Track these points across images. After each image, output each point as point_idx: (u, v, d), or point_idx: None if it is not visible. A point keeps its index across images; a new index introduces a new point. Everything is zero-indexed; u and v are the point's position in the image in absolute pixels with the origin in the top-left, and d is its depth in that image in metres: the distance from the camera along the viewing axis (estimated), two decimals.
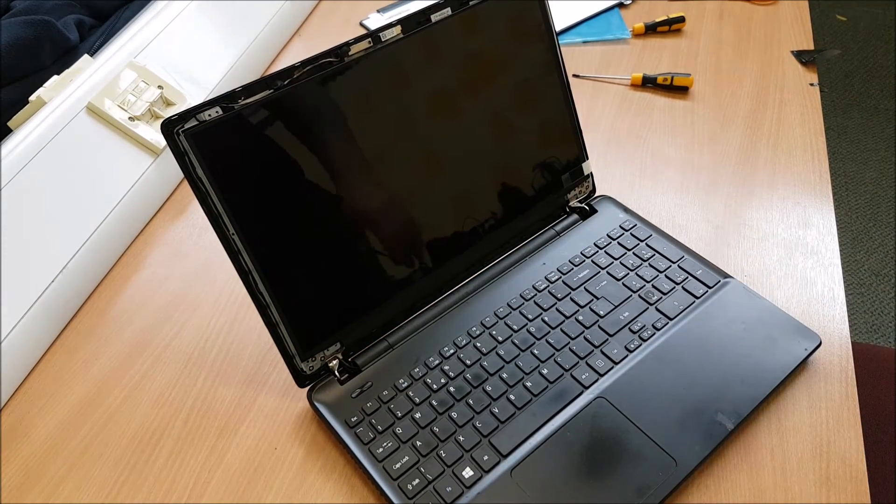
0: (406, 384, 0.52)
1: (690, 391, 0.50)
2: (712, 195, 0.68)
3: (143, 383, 0.56)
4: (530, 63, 0.59)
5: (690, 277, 0.58)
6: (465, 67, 0.55)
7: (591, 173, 0.65)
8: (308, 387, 0.53)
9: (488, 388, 0.51)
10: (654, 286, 0.57)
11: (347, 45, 0.48)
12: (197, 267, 0.65)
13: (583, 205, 0.65)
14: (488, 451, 0.48)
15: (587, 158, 0.64)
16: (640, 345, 0.54)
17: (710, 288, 0.57)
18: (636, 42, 0.88)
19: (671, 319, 0.55)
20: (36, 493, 0.50)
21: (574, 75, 0.83)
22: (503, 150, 0.59)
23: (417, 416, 0.50)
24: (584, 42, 0.88)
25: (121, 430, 0.53)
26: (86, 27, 0.82)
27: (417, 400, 0.51)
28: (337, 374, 0.53)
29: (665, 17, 0.88)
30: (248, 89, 0.45)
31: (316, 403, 0.51)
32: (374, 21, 0.94)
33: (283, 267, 0.49)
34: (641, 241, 0.61)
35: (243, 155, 0.46)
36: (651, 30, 0.88)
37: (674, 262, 0.59)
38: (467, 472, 0.47)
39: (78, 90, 0.67)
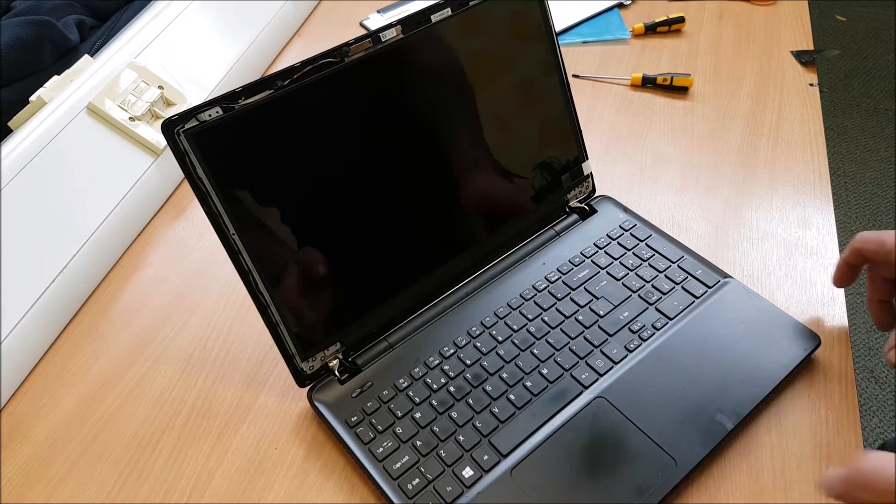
0: (406, 384, 0.52)
1: (690, 391, 0.50)
2: (712, 195, 0.68)
3: (143, 383, 0.56)
4: (530, 63, 0.59)
5: (690, 277, 0.58)
6: (465, 68, 0.55)
7: (591, 173, 0.65)
8: (308, 387, 0.53)
9: (488, 388, 0.51)
10: (653, 286, 0.57)
11: (347, 45, 0.48)
12: (197, 267, 0.65)
13: (582, 205, 0.65)
14: (488, 451, 0.48)
15: (587, 159, 0.64)
16: (640, 345, 0.54)
17: (709, 288, 0.57)
18: (636, 42, 0.88)
19: (671, 319, 0.55)
20: (36, 493, 0.50)
21: (574, 75, 0.83)
22: (503, 150, 0.59)
23: (417, 415, 0.50)
24: (584, 42, 0.89)
25: (121, 430, 0.53)
26: (86, 27, 0.82)
27: (417, 400, 0.51)
28: (337, 373, 0.53)
29: (665, 18, 0.88)
30: (249, 89, 0.45)
31: (316, 403, 0.51)
32: (374, 21, 0.94)
33: (283, 267, 0.49)
34: (641, 241, 0.61)
35: (244, 155, 0.46)
36: (651, 30, 0.88)
37: (673, 262, 0.59)
38: (467, 472, 0.47)
39: (78, 90, 0.67)
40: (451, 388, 0.51)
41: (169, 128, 0.43)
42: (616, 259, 0.60)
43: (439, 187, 0.56)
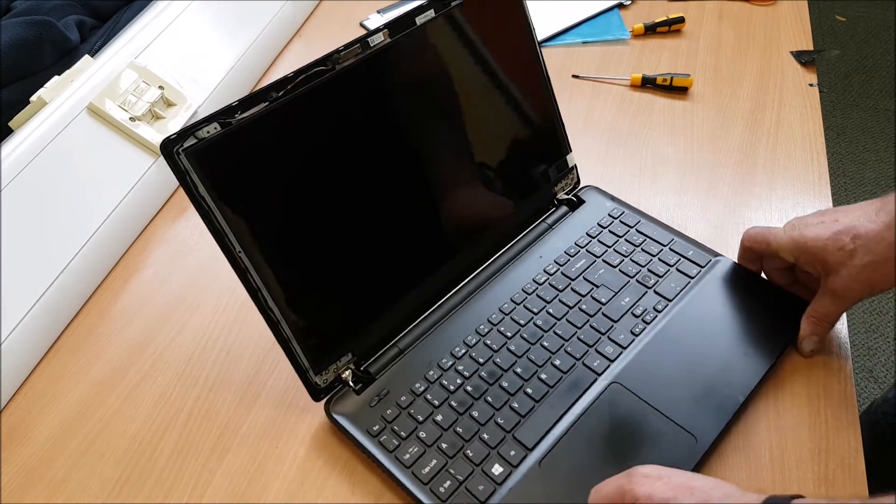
0: (423, 388, 0.52)
1: (698, 368, 0.52)
2: (712, 195, 0.68)
3: (144, 383, 0.56)
4: (512, 60, 0.59)
5: (683, 259, 0.59)
6: (451, 68, 0.55)
7: (575, 165, 0.66)
8: (324, 400, 0.52)
9: (504, 384, 0.51)
10: (649, 270, 0.59)
11: (338, 52, 0.48)
12: (198, 267, 0.65)
13: (570, 196, 0.66)
14: (514, 446, 0.48)
15: (570, 151, 0.65)
16: (645, 328, 0.55)
17: (702, 267, 0.58)
18: (636, 42, 0.88)
19: (670, 301, 0.56)
20: (37, 493, 0.50)
21: (574, 76, 0.83)
22: (492, 149, 0.60)
23: (439, 418, 0.50)
24: (584, 42, 0.89)
25: (122, 431, 0.53)
26: (86, 28, 0.82)
27: (436, 402, 0.51)
28: (351, 384, 0.52)
29: (664, 18, 0.88)
30: (245, 103, 0.44)
31: (335, 416, 0.51)
32: (374, 21, 0.94)
33: (291, 282, 0.48)
34: (631, 227, 0.62)
35: (245, 170, 0.45)
36: (651, 30, 0.88)
37: (665, 245, 0.60)
38: (496, 469, 0.47)
39: (79, 91, 0.67)
40: (469, 388, 0.51)
41: (168, 147, 0.42)
42: (610, 247, 0.61)
43: (435, 190, 0.56)
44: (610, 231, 0.62)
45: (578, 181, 0.67)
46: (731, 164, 0.72)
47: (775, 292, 0.56)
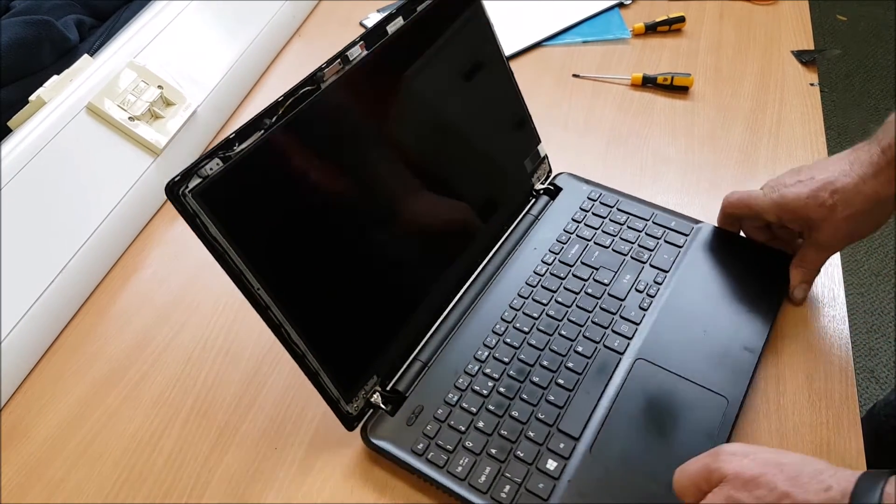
0: (456, 397, 0.51)
1: (711, 331, 0.53)
2: (713, 195, 0.68)
3: (142, 383, 0.56)
4: (480, 58, 0.60)
5: (668, 230, 0.61)
6: (426, 75, 0.55)
7: (546, 154, 0.67)
8: (357, 428, 0.50)
9: (535, 379, 0.52)
10: (640, 246, 0.60)
11: (321, 70, 0.47)
12: (196, 267, 0.65)
13: (547, 185, 0.67)
14: (562, 438, 0.48)
15: (540, 141, 0.66)
16: (651, 302, 0.56)
17: (686, 236, 0.61)
18: (636, 42, 0.88)
19: (667, 272, 0.58)
20: (36, 493, 0.50)
21: (574, 75, 0.83)
22: (473, 149, 0.60)
23: (480, 424, 0.49)
24: (584, 42, 0.88)
25: (121, 430, 0.53)
26: (86, 27, 0.82)
27: (474, 409, 0.50)
28: (383, 406, 0.51)
29: (665, 17, 0.88)
30: (241, 134, 0.43)
31: (374, 441, 0.49)
32: (374, 20, 0.94)
33: (311, 312, 0.47)
34: (612, 206, 0.64)
35: (253, 204, 0.44)
36: (651, 30, 0.88)
37: (648, 220, 0.62)
38: (551, 464, 0.47)
39: (78, 90, 0.67)
40: (501, 389, 0.51)
41: (174, 190, 0.41)
42: (597, 228, 0.62)
43: (429, 197, 0.56)
44: (593, 213, 0.63)
45: (551, 170, 0.68)
46: (732, 163, 0.71)
47: (758, 249, 0.59)
